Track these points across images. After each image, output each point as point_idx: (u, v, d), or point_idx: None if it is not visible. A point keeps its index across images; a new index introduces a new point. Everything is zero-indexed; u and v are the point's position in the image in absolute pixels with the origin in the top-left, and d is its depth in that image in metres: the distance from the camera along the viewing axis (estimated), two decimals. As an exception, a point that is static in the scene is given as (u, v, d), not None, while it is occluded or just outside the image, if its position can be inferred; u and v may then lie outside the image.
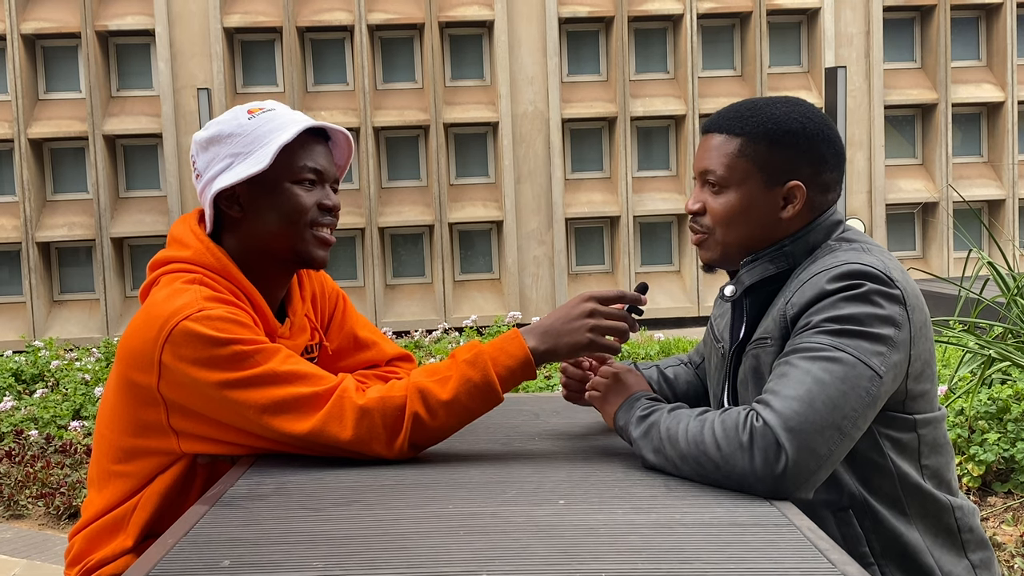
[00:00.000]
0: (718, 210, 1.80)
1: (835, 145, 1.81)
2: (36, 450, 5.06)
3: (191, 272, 1.83)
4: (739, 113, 1.81)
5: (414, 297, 9.33)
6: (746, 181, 1.78)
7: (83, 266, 9.24)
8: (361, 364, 2.12)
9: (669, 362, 2.21)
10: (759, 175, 1.78)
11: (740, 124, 1.79)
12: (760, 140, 1.78)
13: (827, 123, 1.81)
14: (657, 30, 9.56)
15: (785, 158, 1.78)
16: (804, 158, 1.78)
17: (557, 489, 1.58)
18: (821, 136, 1.79)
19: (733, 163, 1.79)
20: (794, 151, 1.77)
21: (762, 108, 1.80)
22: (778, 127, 1.77)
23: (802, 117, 1.79)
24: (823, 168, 1.79)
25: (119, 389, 1.83)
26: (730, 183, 1.79)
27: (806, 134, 1.78)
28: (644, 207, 9.30)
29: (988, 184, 9.58)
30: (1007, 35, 9.43)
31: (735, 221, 1.80)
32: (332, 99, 9.25)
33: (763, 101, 1.83)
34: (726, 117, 1.82)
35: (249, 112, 1.89)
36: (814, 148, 1.78)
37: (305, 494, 1.58)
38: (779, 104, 1.81)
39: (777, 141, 1.77)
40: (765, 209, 1.79)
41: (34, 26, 8.87)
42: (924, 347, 1.71)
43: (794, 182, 1.77)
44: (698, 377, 2.18)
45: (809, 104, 1.84)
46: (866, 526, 1.72)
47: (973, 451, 3.94)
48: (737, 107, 1.84)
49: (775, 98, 1.84)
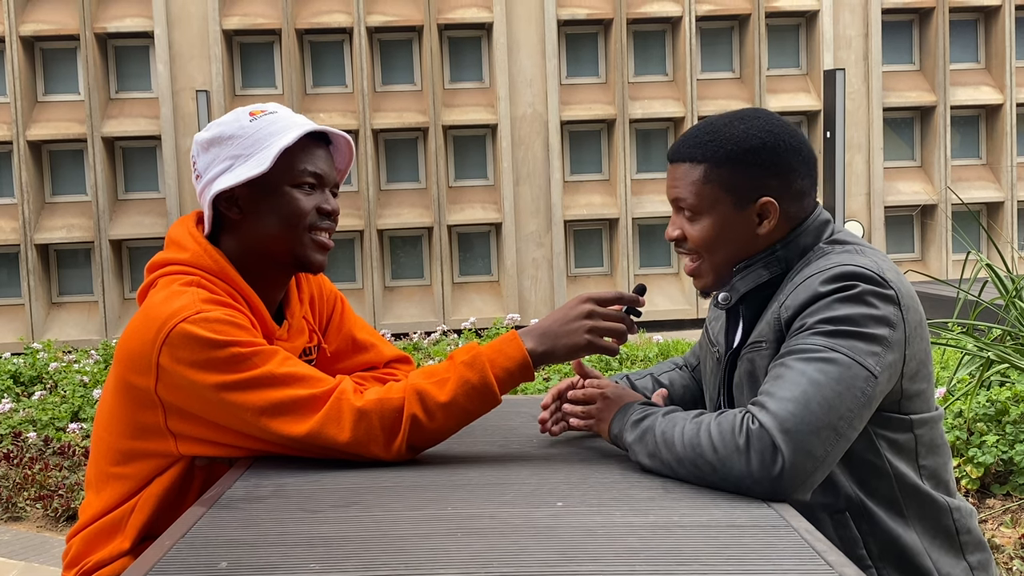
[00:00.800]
0: (696, 237, 1.81)
1: (801, 152, 1.80)
2: (34, 452, 5.05)
3: (189, 274, 1.83)
4: (699, 139, 1.81)
5: (413, 299, 9.33)
6: (716, 206, 1.78)
7: (82, 268, 9.24)
8: (359, 366, 2.12)
9: (663, 368, 2.20)
10: (728, 198, 1.78)
11: (701, 150, 1.79)
12: (723, 163, 1.77)
13: (789, 132, 1.80)
14: (656, 32, 9.56)
15: (751, 177, 1.77)
16: (770, 173, 1.77)
17: (555, 491, 1.58)
18: (784, 147, 1.78)
19: (700, 190, 1.79)
20: (759, 168, 1.77)
21: (720, 130, 1.80)
22: (738, 147, 1.77)
23: (762, 132, 1.78)
24: (792, 178, 1.79)
25: (117, 391, 1.83)
26: (702, 210, 1.79)
27: (767, 149, 1.77)
28: (643, 209, 9.30)
29: (987, 186, 9.58)
30: (1005, 37, 9.44)
31: (715, 245, 1.80)
32: (331, 101, 9.25)
33: (721, 122, 1.82)
34: (687, 144, 1.82)
35: (251, 114, 1.89)
36: (779, 161, 1.78)
37: (303, 496, 1.58)
38: (737, 122, 1.80)
39: (739, 161, 1.77)
40: (741, 229, 1.79)
41: (33, 28, 8.87)
42: (919, 347, 1.72)
43: (765, 199, 1.77)
44: (694, 380, 2.18)
45: (769, 114, 1.83)
46: (863, 528, 1.72)
47: (972, 453, 3.94)
48: (696, 131, 1.83)
49: (733, 115, 1.83)
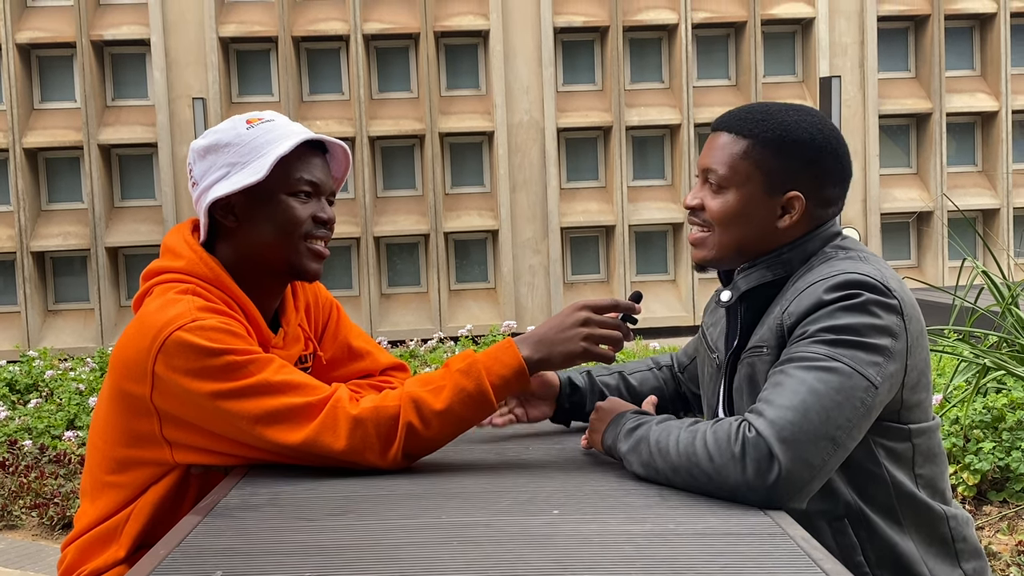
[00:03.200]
0: (715, 209, 1.79)
1: (841, 160, 1.79)
2: (30, 460, 5.04)
3: (184, 282, 1.83)
4: (750, 115, 1.79)
5: (409, 306, 9.33)
6: (746, 184, 1.77)
7: (78, 276, 9.23)
8: (355, 374, 2.12)
9: (636, 366, 2.18)
10: (760, 179, 1.76)
11: (749, 126, 1.78)
12: (767, 145, 1.76)
13: (837, 137, 1.79)
14: (652, 40, 9.58)
15: (789, 167, 1.76)
16: (808, 169, 1.76)
17: (551, 499, 1.58)
18: (828, 149, 1.77)
19: (736, 164, 1.77)
20: (799, 161, 1.76)
21: (774, 113, 1.79)
22: (787, 134, 1.76)
23: (813, 128, 1.77)
24: (826, 181, 1.78)
25: (112, 399, 1.83)
26: (731, 184, 1.77)
27: (814, 145, 1.76)
28: (639, 216, 9.31)
29: (982, 193, 9.60)
30: (1000, 45, 9.46)
31: (731, 222, 1.78)
32: (327, 108, 9.26)
33: (776, 106, 1.81)
34: (737, 117, 1.80)
35: (248, 122, 1.88)
36: (820, 160, 1.76)
37: (298, 504, 1.58)
38: (792, 111, 1.79)
39: (784, 148, 1.76)
40: (762, 215, 1.78)
41: (29, 36, 8.87)
42: (920, 357, 1.71)
43: (794, 192, 1.76)
44: (674, 382, 2.16)
45: (822, 116, 1.81)
46: (861, 535, 1.72)
47: (968, 460, 3.94)
48: (749, 108, 1.82)
49: (789, 105, 1.82)
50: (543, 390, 2.05)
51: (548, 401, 2.06)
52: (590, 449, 1.85)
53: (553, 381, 2.06)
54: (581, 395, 2.07)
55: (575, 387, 2.07)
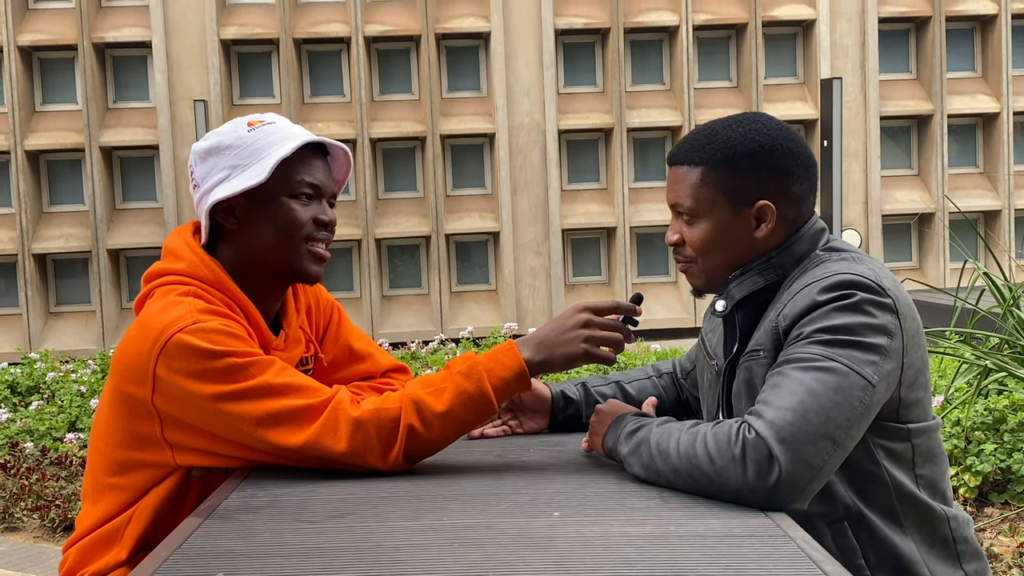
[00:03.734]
0: (695, 240, 1.81)
1: (799, 156, 1.80)
2: (31, 462, 5.04)
3: (185, 284, 1.83)
4: (697, 141, 1.81)
5: (411, 308, 9.33)
6: (713, 209, 1.79)
7: (79, 278, 9.23)
8: (356, 376, 2.12)
9: (634, 375, 2.19)
10: (725, 201, 1.78)
11: (698, 153, 1.80)
12: (719, 167, 1.78)
13: (787, 136, 1.80)
14: (653, 42, 9.58)
15: (747, 180, 1.77)
16: (767, 176, 1.78)
17: (552, 501, 1.58)
18: (782, 150, 1.78)
19: (697, 193, 1.79)
20: (755, 172, 1.77)
21: (718, 132, 1.80)
22: (735, 151, 1.77)
23: (759, 135, 1.78)
24: (790, 182, 1.79)
25: (113, 401, 1.83)
26: (699, 213, 1.80)
27: (765, 152, 1.77)
28: (640, 218, 9.31)
29: (984, 195, 9.60)
30: (1002, 46, 9.46)
31: (712, 249, 1.81)
32: (329, 111, 9.26)
33: (720, 124, 1.83)
34: (685, 148, 1.83)
35: (249, 124, 1.89)
36: (776, 164, 1.78)
37: (299, 506, 1.58)
38: (735, 125, 1.80)
39: (736, 165, 1.77)
40: (739, 233, 1.79)
41: (31, 38, 8.87)
42: (917, 355, 1.71)
43: (762, 202, 1.77)
44: (674, 388, 2.17)
45: (768, 118, 1.83)
46: (861, 537, 1.72)
47: (970, 462, 3.94)
48: (695, 135, 1.84)
49: (732, 119, 1.84)
50: (536, 404, 2.06)
51: (542, 414, 2.08)
52: (591, 451, 1.85)
53: (545, 394, 2.07)
54: (576, 407, 2.08)
55: (569, 400, 2.08)
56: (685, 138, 1.85)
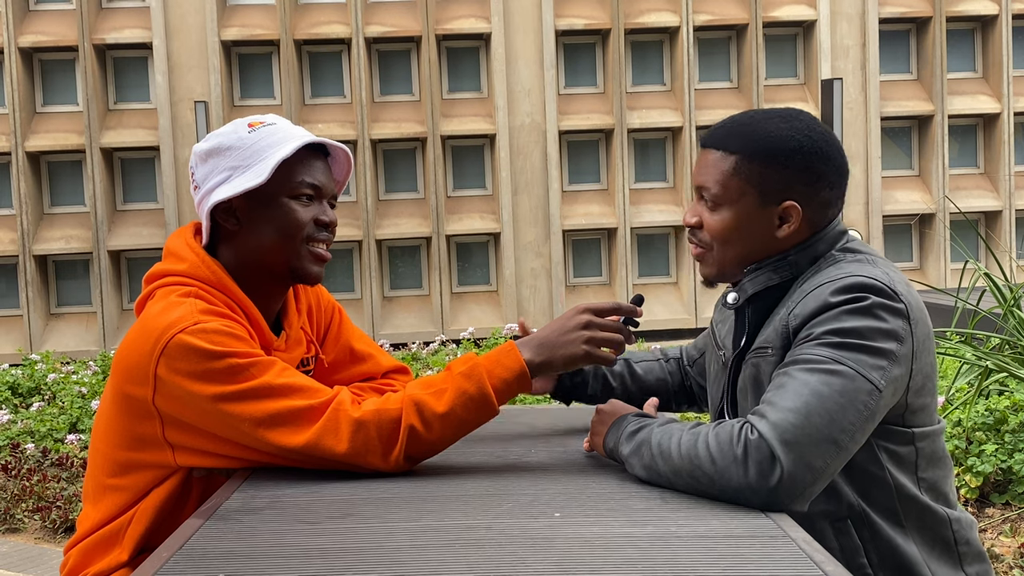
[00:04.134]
0: (714, 226, 1.78)
1: (834, 162, 1.76)
2: (32, 463, 5.05)
3: (187, 285, 1.83)
4: (735, 129, 1.78)
5: (411, 309, 9.33)
6: (740, 199, 1.76)
7: (80, 279, 9.24)
8: (357, 377, 2.12)
9: (643, 356, 2.18)
10: (754, 194, 1.75)
11: (735, 141, 1.76)
12: (755, 159, 1.74)
13: (826, 139, 1.76)
14: (653, 42, 9.58)
15: (780, 177, 1.74)
16: (800, 177, 1.74)
17: (552, 502, 1.58)
18: (819, 154, 1.75)
19: (727, 181, 1.76)
20: (790, 171, 1.74)
21: (759, 123, 1.77)
22: (773, 145, 1.74)
23: (800, 134, 1.74)
24: (820, 186, 1.76)
25: (114, 402, 1.83)
26: (725, 201, 1.77)
27: (803, 152, 1.74)
28: (641, 219, 9.31)
29: (985, 195, 9.60)
30: (1002, 47, 9.46)
31: (730, 239, 1.78)
32: (329, 112, 9.26)
33: (761, 115, 1.79)
34: (723, 132, 1.79)
35: (250, 125, 1.89)
36: (811, 167, 1.74)
37: (300, 507, 1.58)
38: (777, 119, 1.77)
39: (772, 160, 1.74)
40: (760, 228, 1.77)
41: (32, 39, 8.88)
42: (926, 361, 1.70)
43: (789, 202, 1.74)
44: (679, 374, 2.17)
45: (810, 118, 1.79)
46: (864, 537, 1.72)
47: (971, 462, 3.94)
48: (734, 121, 1.80)
49: (774, 112, 1.80)
50: None
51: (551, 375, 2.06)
52: (592, 452, 1.85)
53: None
54: (584, 377, 2.09)
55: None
56: (724, 122, 1.81)
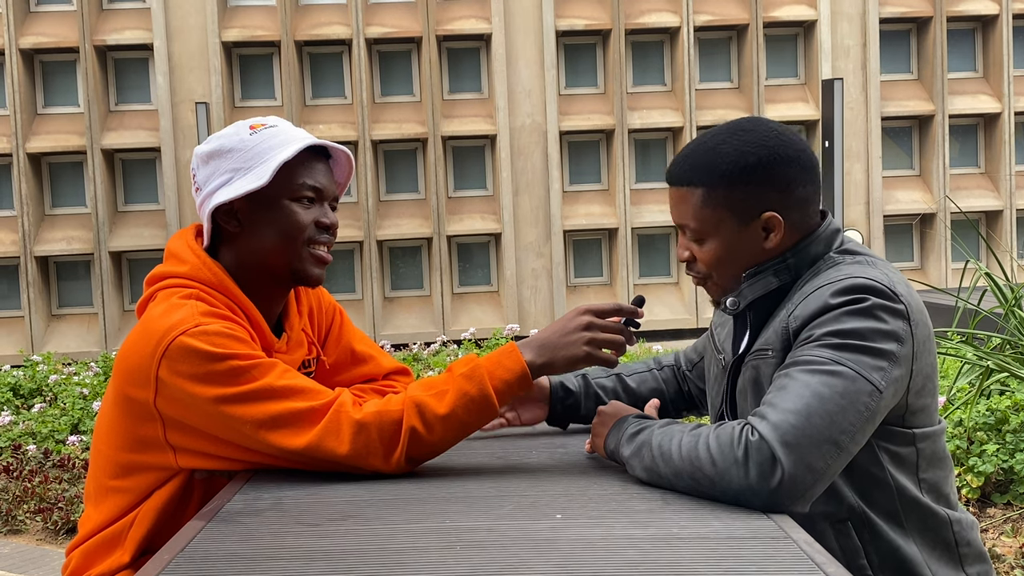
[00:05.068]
0: (705, 258, 1.81)
1: (799, 160, 1.76)
2: (34, 465, 5.05)
3: (188, 287, 1.83)
4: (691, 162, 1.78)
5: (412, 310, 9.33)
6: (720, 227, 1.77)
7: (81, 280, 9.24)
8: (358, 378, 2.12)
9: (635, 367, 2.18)
10: (730, 218, 1.76)
11: (696, 173, 1.77)
12: (719, 186, 1.75)
13: (783, 142, 1.76)
14: (654, 43, 9.58)
15: (749, 194, 1.75)
16: (769, 188, 1.75)
17: (554, 503, 1.58)
18: (780, 158, 1.74)
19: (701, 214, 1.77)
20: (755, 184, 1.74)
21: (713, 149, 1.76)
22: (733, 166, 1.74)
23: (755, 147, 1.74)
24: (792, 188, 1.76)
25: (116, 404, 1.83)
26: (706, 233, 1.78)
27: (763, 164, 1.74)
28: (642, 219, 9.31)
29: (985, 195, 9.59)
30: (1003, 47, 9.46)
31: (724, 263, 1.80)
32: (330, 113, 9.26)
33: (711, 140, 1.78)
34: (682, 167, 1.79)
35: (251, 127, 1.89)
36: (776, 174, 1.74)
37: (301, 509, 1.58)
38: (730, 139, 1.76)
39: (736, 181, 1.74)
40: (748, 246, 1.78)
41: (32, 41, 8.88)
42: (926, 362, 1.70)
43: (768, 213, 1.75)
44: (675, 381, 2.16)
45: (764, 125, 1.78)
46: (865, 538, 1.72)
47: (972, 462, 3.94)
48: (689, 153, 1.79)
49: (726, 130, 1.79)
50: (536, 393, 2.06)
51: (541, 404, 2.07)
52: (593, 453, 1.85)
53: (544, 384, 2.06)
54: (575, 399, 2.08)
55: (568, 391, 2.07)
56: (679, 156, 1.81)
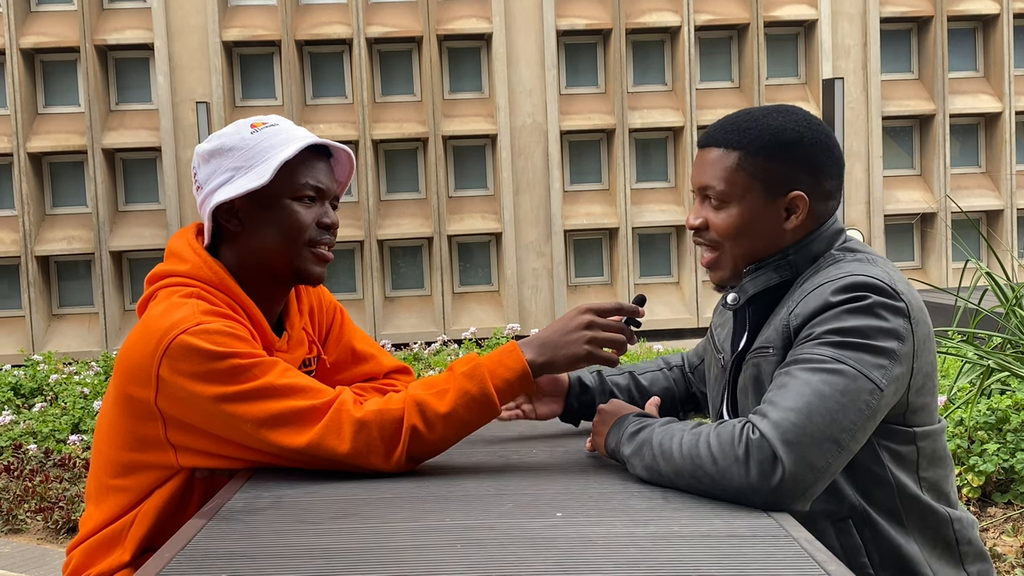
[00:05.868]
0: (721, 225, 1.78)
1: (833, 153, 1.79)
2: (35, 464, 5.05)
3: (189, 286, 1.83)
4: (735, 125, 1.79)
5: (413, 309, 9.33)
6: (747, 195, 1.76)
7: (82, 280, 9.24)
8: (359, 377, 2.12)
9: (646, 366, 2.18)
10: (759, 188, 1.76)
11: (737, 137, 1.77)
12: (758, 152, 1.75)
13: (825, 131, 1.79)
14: (655, 42, 9.58)
15: (784, 169, 1.76)
16: (803, 168, 1.76)
17: (554, 501, 1.58)
18: (819, 144, 1.77)
19: (732, 177, 1.76)
20: (793, 162, 1.76)
21: (759, 119, 1.78)
22: (776, 138, 1.75)
23: (799, 126, 1.77)
24: (823, 176, 1.78)
25: (117, 403, 1.83)
26: (731, 198, 1.77)
27: (804, 143, 1.76)
28: (643, 219, 9.31)
29: (986, 194, 9.59)
30: (1004, 46, 9.46)
31: (740, 234, 1.78)
32: (331, 112, 9.26)
33: (759, 111, 1.81)
34: (722, 130, 1.79)
35: (252, 126, 1.89)
36: (813, 157, 1.76)
37: (302, 507, 1.58)
38: (775, 114, 1.79)
39: (775, 152, 1.75)
40: (768, 221, 1.77)
41: (33, 40, 8.88)
42: (927, 360, 1.70)
43: (796, 192, 1.76)
44: (684, 382, 2.16)
45: (805, 112, 1.81)
46: (865, 536, 1.72)
47: (972, 462, 3.94)
48: (733, 119, 1.81)
49: (771, 107, 1.82)
50: (552, 388, 2.05)
51: (557, 399, 2.06)
52: (593, 452, 1.85)
53: (563, 379, 2.06)
54: (591, 395, 2.07)
55: (585, 387, 2.07)
56: (721, 121, 1.82)
